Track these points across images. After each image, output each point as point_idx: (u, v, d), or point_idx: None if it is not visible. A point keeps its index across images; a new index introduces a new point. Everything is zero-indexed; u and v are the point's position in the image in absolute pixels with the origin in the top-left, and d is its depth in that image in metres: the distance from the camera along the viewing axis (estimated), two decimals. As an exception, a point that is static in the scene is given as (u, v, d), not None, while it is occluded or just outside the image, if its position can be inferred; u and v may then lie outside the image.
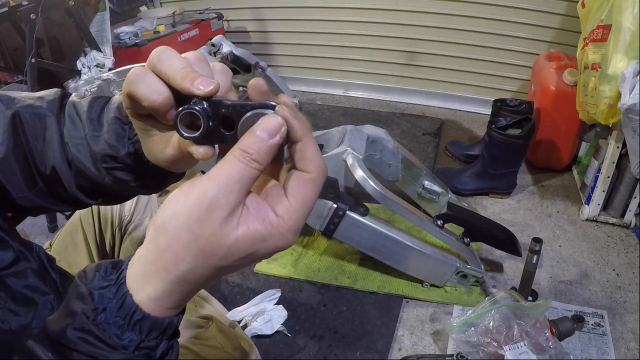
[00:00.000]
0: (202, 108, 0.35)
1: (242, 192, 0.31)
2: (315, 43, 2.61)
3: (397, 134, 2.22)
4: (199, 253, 0.31)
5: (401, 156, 1.46)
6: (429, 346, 1.22)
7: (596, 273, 1.42)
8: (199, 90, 0.34)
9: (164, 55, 0.37)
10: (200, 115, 0.34)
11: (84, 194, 0.54)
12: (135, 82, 0.37)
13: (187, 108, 0.35)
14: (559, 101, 1.71)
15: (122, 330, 0.32)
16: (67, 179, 0.52)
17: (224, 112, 0.35)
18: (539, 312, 1.08)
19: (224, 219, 0.31)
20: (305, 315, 1.32)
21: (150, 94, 0.37)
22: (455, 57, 2.34)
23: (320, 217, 1.28)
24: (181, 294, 0.33)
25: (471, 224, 1.34)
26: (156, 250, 0.32)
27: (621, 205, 1.58)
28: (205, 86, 0.34)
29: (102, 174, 0.50)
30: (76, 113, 0.51)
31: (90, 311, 0.32)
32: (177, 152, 0.42)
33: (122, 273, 0.34)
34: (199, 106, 0.35)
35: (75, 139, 0.50)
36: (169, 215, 0.32)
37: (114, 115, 0.47)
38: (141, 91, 0.37)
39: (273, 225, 0.32)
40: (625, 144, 1.40)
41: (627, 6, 1.27)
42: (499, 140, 1.64)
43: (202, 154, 0.37)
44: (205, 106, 0.35)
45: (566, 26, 2.04)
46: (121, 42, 2.14)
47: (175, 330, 0.35)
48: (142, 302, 0.33)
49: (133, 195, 0.62)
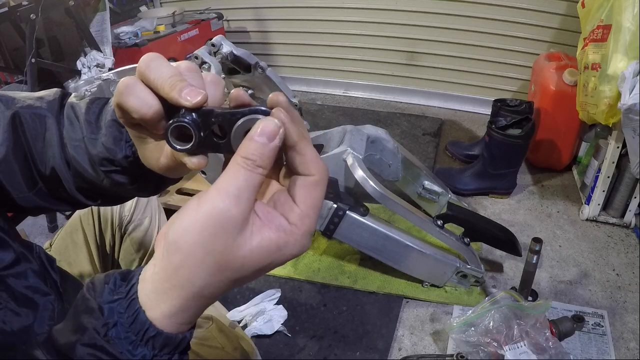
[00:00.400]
0: (191, 119, 0.34)
1: (251, 200, 0.31)
2: (315, 43, 2.61)
3: (397, 134, 2.22)
4: (214, 268, 0.31)
5: (401, 156, 1.46)
6: (429, 346, 1.22)
7: (596, 273, 1.42)
8: (187, 101, 0.34)
9: (153, 64, 0.36)
10: (190, 127, 0.34)
11: (83, 195, 0.54)
12: (125, 94, 0.37)
13: (177, 121, 0.34)
14: (559, 101, 1.71)
15: (134, 346, 0.32)
16: (67, 180, 0.52)
17: (214, 121, 0.35)
18: (539, 312, 1.08)
19: (238, 230, 0.30)
20: (305, 315, 1.32)
21: (141, 107, 0.36)
22: (455, 57, 2.34)
23: (320, 217, 1.27)
24: (196, 308, 0.33)
25: (471, 224, 1.34)
26: (170, 267, 0.32)
27: (621, 205, 1.58)
28: (193, 97, 0.34)
29: (100, 177, 0.50)
30: (74, 115, 0.50)
31: (100, 326, 0.32)
32: (170, 161, 0.42)
33: (132, 287, 0.33)
34: (188, 117, 0.34)
35: (74, 141, 0.50)
36: (181, 232, 0.31)
37: (112, 118, 0.47)
38: (131, 103, 0.37)
39: (287, 233, 0.32)
40: (625, 144, 1.40)
41: (627, 6, 1.27)
42: (499, 140, 1.64)
43: (195, 164, 0.37)
44: (194, 117, 0.34)
45: (566, 26, 2.04)
46: (121, 42, 2.14)
47: (188, 345, 0.35)
48: (156, 318, 0.32)
49: (132, 197, 0.62)
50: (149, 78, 0.36)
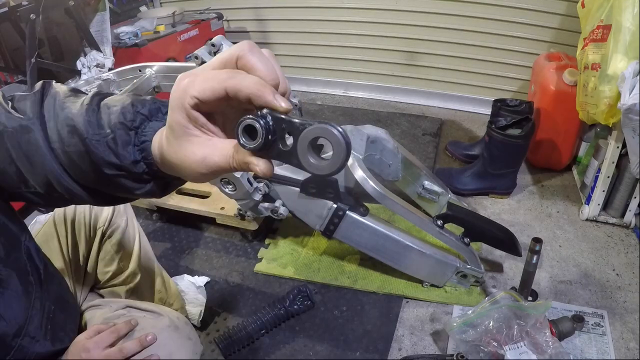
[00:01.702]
0: (265, 121, 0.36)
1: None
2: (315, 43, 2.61)
3: (397, 134, 2.22)
4: None
5: (401, 156, 1.46)
6: (429, 346, 1.22)
7: (596, 273, 1.42)
8: (281, 107, 0.36)
9: (256, 49, 0.38)
10: (262, 127, 0.35)
11: (88, 192, 0.52)
12: (240, 77, 0.37)
13: (253, 118, 0.36)
14: (559, 101, 1.71)
15: None
16: (65, 180, 0.50)
17: (284, 128, 0.36)
18: (539, 312, 1.08)
19: None
20: (306, 315, 1.32)
21: (256, 82, 0.37)
22: (455, 57, 2.34)
23: (320, 217, 1.28)
24: None
25: (471, 224, 1.34)
26: None
27: (621, 205, 1.58)
28: (286, 103, 0.36)
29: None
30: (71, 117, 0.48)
31: None
32: (224, 161, 0.40)
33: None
34: (263, 119, 0.36)
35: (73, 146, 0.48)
36: None
37: (118, 120, 0.45)
38: (246, 83, 0.36)
39: None
40: (625, 144, 1.40)
41: (627, 6, 1.27)
42: (499, 140, 1.64)
43: (262, 169, 0.37)
44: (269, 119, 0.36)
45: (566, 26, 2.04)
46: (121, 42, 2.14)
47: None
48: None
49: (134, 199, 0.61)
50: (253, 67, 0.37)
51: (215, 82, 0.37)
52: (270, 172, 0.38)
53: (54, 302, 0.69)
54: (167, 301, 1.15)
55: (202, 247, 1.60)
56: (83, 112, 0.47)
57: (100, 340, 0.74)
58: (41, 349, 0.64)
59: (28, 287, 0.63)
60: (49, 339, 0.67)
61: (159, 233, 1.67)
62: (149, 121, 0.46)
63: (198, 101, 0.37)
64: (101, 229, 0.99)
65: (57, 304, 0.71)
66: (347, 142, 0.35)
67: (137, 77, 1.43)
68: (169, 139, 0.41)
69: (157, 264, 1.14)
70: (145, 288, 1.10)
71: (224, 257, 1.55)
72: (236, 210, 1.46)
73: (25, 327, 0.61)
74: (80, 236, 0.98)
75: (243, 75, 0.37)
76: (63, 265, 0.94)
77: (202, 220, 1.65)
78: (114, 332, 0.77)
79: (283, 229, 1.63)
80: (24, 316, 0.61)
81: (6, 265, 0.59)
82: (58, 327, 0.70)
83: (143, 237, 1.09)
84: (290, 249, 1.55)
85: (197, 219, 1.63)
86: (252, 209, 1.37)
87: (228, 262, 1.53)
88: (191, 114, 0.38)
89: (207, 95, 0.37)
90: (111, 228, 1.01)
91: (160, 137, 0.43)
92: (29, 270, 0.63)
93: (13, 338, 0.59)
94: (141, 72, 1.44)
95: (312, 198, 1.26)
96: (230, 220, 1.53)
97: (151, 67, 1.43)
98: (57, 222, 0.96)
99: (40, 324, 0.64)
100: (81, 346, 0.72)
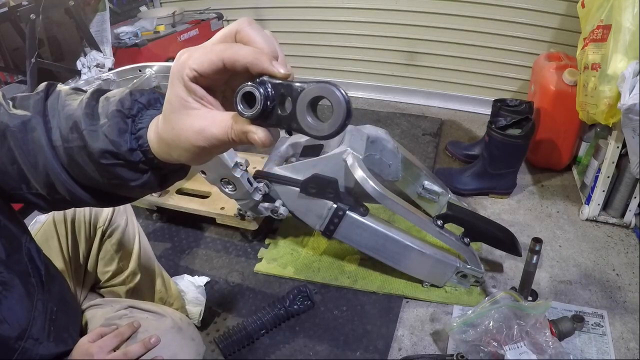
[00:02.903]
0: (264, 88, 0.35)
1: None
2: (315, 43, 2.61)
3: (397, 134, 2.22)
4: None
5: (401, 156, 1.46)
6: (429, 346, 1.22)
7: (596, 273, 1.42)
8: (279, 72, 0.36)
9: (255, 24, 0.38)
10: (261, 95, 0.35)
11: (89, 193, 0.52)
12: (235, 47, 0.37)
13: (252, 85, 0.35)
14: (559, 101, 1.71)
15: None
16: (65, 181, 0.50)
17: (283, 93, 0.36)
18: (539, 312, 1.08)
19: None
20: (306, 315, 1.32)
21: (254, 52, 0.37)
22: (455, 57, 2.34)
23: (320, 217, 1.28)
24: None
25: (471, 224, 1.34)
26: None
27: (621, 205, 1.58)
28: (285, 69, 0.36)
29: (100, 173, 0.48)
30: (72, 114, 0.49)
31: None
32: (222, 132, 0.39)
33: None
34: (262, 86, 0.35)
35: (71, 142, 0.48)
36: None
37: (116, 108, 0.45)
38: (243, 52, 0.37)
39: None
40: (625, 144, 1.40)
41: (627, 6, 1.27)
42: (499, 140, 1.64)
43: (261, 139, 0.37)
44: (268, 87, 0.36)
45: (566, 26, 2.04)
46: (121, 42, 2.14)
47: None
48: None
49: (134, 197, 0.60)
50: (249, 31, 0.37)
51: (213, 54, 0.37)
52: (269, 140, 0.38)
53: (56, 303, 0.69)
54: (167, 301, 1.16)
55: (202, 247, 1.60)
56: (83, 106, 0.47)
57: (104, 344, 0.74)
58: (45, 351, 0.64)
59: (30, 289, 0.62)
60: (52, 340, 0.66)
61: (159, 233, 1.67)
62: (146, 110, 0.46)
63: (197, 74, 0.38)
64: (101, 229, 0.99)
65: (60, 305, 0.71)
66: (347, 101, 0.35)
67: (137, 77, 1.43)
68: (166, 117, 0.41)
69: (157, 263, 1.14)
70: (145, 288, 1.10)
71: (224, 257, 1.55)
72: (236, 210, 1.46)
73: (28, 329, 0.61)
74: (80, 235, 0.98)
75: (240, 46, 0.37)
76: (63, 264, 0.94)
77: (202, 220, 1.65)
78: (118, 336, 0.76)
79: (283, 229, 1.63)
80: (27, 318, 0.61)
81: (8, 268, 0.58)
82: (61, 328, 0.70)
83: (143, 237, 1.09)
84: (290, 249, 1.55)
85: (197, 219, 1.63)
86: (252, 209, 1.37)
87: (228, 262, 1.53)
88: (190, 86, 0.39)
89: (205, 67, 0.37)
90: (111, 227, 1.01)
91: (156, 122, 0.44)
92: (30, 272, 0.63)
93: (16, 341, 0.59)
94: (141, 72, 1.44)
95: (312, 198, 1.26)
96: (230, 220, 1.53)
97: (151, 67, 1.44)
98: (57, 222, 0.96)
99: (43, 326, 0.64)
100: (85, 350, 0.72)
